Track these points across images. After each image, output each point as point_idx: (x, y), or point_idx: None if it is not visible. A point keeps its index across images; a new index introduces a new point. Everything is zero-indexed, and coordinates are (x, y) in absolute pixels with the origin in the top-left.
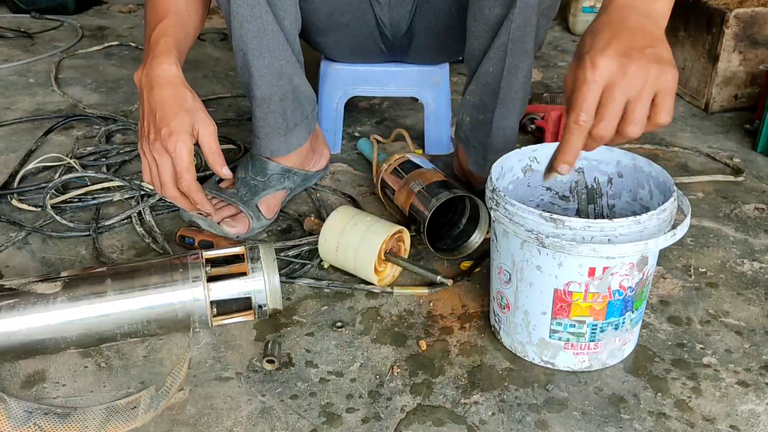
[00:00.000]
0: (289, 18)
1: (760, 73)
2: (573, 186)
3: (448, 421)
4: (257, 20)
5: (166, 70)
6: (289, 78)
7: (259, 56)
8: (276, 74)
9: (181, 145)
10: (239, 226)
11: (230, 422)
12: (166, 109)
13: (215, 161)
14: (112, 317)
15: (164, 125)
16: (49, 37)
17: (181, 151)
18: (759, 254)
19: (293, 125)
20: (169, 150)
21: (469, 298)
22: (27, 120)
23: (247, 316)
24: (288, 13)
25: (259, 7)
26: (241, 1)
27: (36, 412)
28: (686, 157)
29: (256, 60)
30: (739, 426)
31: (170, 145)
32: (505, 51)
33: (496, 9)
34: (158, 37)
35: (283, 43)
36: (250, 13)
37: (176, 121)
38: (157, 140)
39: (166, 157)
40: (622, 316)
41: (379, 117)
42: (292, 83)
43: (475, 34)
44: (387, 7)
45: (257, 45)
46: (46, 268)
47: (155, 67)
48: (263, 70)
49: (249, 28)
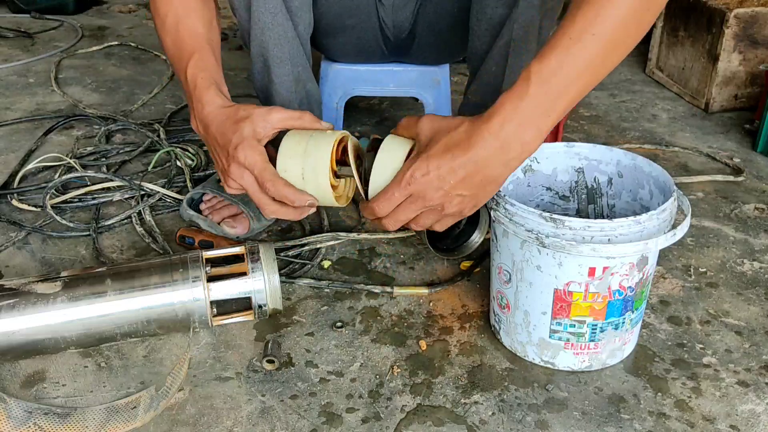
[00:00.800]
0: (303, 24)
1: (760, 73)
2: (573, 186)
3: (448, 421)
4: (279, 27)
5: (212, 104)
6: (304, 84)
7: (280, 63)
8: (294, 81)
9: (248, 150)
10: (239, 227)
11: (230, 422)
12: (223, 132)
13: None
14: (112, 317)
15: (229, 145)
16: (49, 37)
17: (253, 157)
18: (759, 254)
19: None
20: (242, 163)
21: (469, 298)
22: (27, 120)
23: (247, 316)
24: (302, 19)
25: (281, 14)
26: (264, 9)
27: (36, 412)
28: (686, 157)
29: (277, 67)
30: (739, 426)
31: (240, 157)
32: (507, 50)
33: (499, 8)
34: (194, 79)
35: (300, 50)
36: (272, 20)
37: (236, 135)
38: (231, 162)
39: (245, 172)
40: (622, 316)
41: (379, 117)
42: (306, 88)
43: (477, 33)
44: (391, 8)
45: (278, 52)
46: (46, 268)
47: (202, 110)
48: (284, 77)
49: (271, 36)
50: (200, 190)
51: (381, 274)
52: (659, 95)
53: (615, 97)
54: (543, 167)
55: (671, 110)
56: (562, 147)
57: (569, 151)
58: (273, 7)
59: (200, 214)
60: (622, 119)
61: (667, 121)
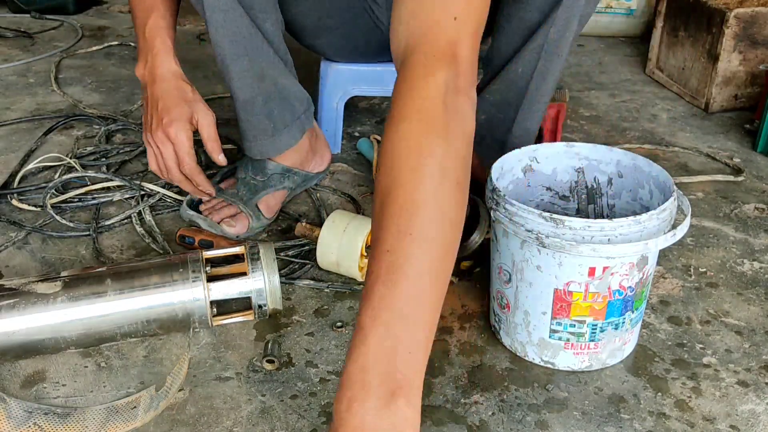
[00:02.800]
0: (270, 20)
1: (760, 73)
2: (573, 186)
3: (448, 421)
4: (231, 24)
5: (167, 66)
6: (273, 79)
7: (236, 59)
8: (257, 76)
9: (180, 132)
10: (239, 226)
11: (230, 422)
12: (167, 101)
13: (213, 149)
14: (112, 317)
15: (165, 115)
16: (49, 37)
17: (182, 138)
18: (759, 254)
19: (282, 126)
20: (170, 137)
21: (469, 298)
22: (27, 120)
23: (247, 316)
24: (268, 15)
25: (233, 11)
26: (215, 7)
27: (36, 412)
28: (686, 157)
29: (233, 63)
30: (739, 426)
31: (171, 132)
32: (539, 54)
33: (535, 14)
34: (154, 33)
35: (262, 45)
36: (224, 17)
37: (176, 110)
38: (159, 128)
39: (168, 144)
40: (622, 316)
41: (379, 117)
42: (277, 84)
43: (506, 32)
44: (385, 7)
45: (233, 48)
46: (46, 268)
47: (158, 65)
48: (242, 72)
49: (224, 33)
50: None
51: None
52: (659, 95)
53: (615, 97)
54: (543, 167)
55: (671, 110)
56: (562, 147)
57: (569, 151)
58: (224, 4)
59: (200, 214)
60: (622, 119)
61: (667, 121)
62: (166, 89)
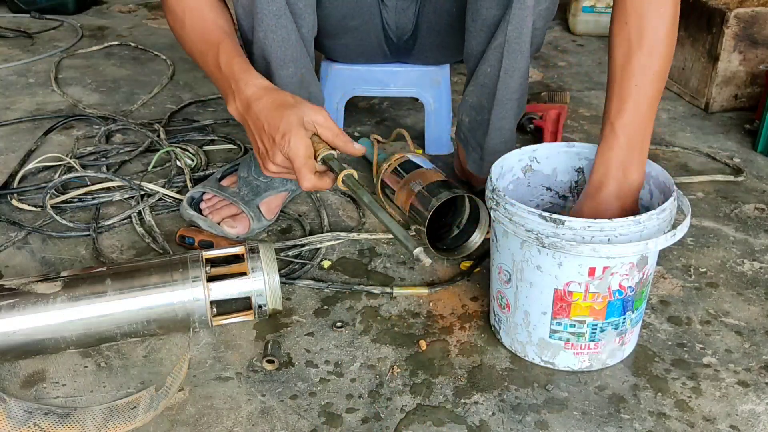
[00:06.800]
0: (307, 26)
1: (760, 73)
2: (573, 186)
3: (448, 421)
4: (282, 30)
5: (253, 83)
6: (307, 86)
7: (284, 66)
8: (298, 83)
9: (295, 140)
10: (239, 227)
11: (230, 422)
12: (270, 118)
13: (345, 142)
14: (112, 317)
15: (275, 132)
16: (49, 37)
17: (297, 146)
18: (759, 254)
19: None
20: (286, 153)
21: (469, 298)
22: (27, 120)
23: (247, 316)
24: (306, 21)
25: (285, 17)
26: (267, 11)
27: (36, 412)
28: (686, 157)
29: (280, 69)
30: (739, 426)
31: (286, 146)
32: (501, 52)
33: (494, 9)
34: (229, 63)
35: (303, 52)
36: (276, 23)
37: (284, 122)
38: (276, 151)
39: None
40: (622, 316)
41: (379, 117)
42: (309, 91)
43: (473, 33)
44: (394, 10)
45: (282, 55)
46: (46, 268)
47: (243, 90)
48: (287, 79)
49: (274, 38)
50: (200, 190)
51: (381, 274)
52: None
53: None
54: (543, 167)
55: (671, 110)
56: (562, 147)
57: (569, 151)
58: (277, 9)
59: (200, 213)
60: None
61: (668, 121)
62: (263, 107)
